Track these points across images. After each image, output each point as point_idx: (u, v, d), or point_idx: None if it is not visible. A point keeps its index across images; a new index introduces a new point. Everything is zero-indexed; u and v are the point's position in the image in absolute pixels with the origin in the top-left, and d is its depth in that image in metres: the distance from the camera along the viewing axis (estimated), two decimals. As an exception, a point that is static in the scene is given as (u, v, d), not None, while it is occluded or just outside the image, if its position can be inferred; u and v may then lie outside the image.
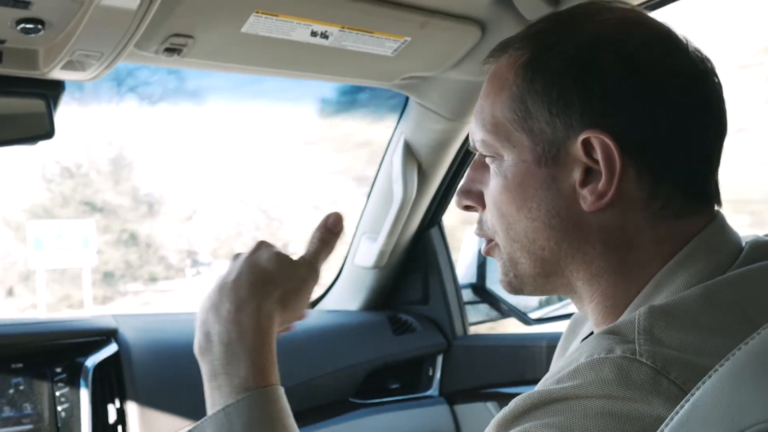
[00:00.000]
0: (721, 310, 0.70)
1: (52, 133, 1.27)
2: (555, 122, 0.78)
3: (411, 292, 2.21)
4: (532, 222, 0.81)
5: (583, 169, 0.78)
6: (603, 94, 0.76)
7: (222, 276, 0.92)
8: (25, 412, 1.51)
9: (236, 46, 1.33)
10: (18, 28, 1.06)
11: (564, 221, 0.80)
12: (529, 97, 0.79)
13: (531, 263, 0.83)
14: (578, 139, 0.77)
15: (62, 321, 1.64)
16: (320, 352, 1.91)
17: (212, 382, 0.87)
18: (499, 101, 0.82)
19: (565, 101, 0.77)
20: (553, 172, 0.79)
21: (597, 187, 0.77)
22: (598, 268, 0.80)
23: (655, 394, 0.63)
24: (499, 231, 0.85)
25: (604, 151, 0.76)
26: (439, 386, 2.10)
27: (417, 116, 1.88)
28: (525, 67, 0.80)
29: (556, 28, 0.82)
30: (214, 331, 0.88)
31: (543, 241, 0.81)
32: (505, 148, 0.82)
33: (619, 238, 0.79)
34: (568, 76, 0.77)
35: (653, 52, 0.78)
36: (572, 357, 0.73)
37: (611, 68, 0.77)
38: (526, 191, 0.81)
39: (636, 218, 0.78)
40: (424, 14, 1.39)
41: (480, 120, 0.85)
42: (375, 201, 2.07)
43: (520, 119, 0.80)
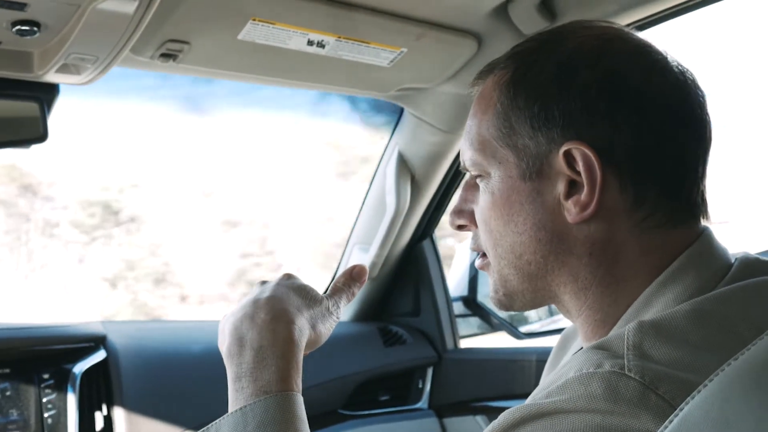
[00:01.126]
0: (711, 326, 0.70)
1: (45, 137, 1.27)
2: (537, 136, 0.79)
3: (402, 304, 2.21)
4: (518, 236, 0.82)
5: (567, 181, 0.79)
6: (582, 106, 0.77)
7: (254, 294, 0.95)
8: (12, 418, 1.49)
9: (232, 54, 1.33)
10: (13, 30, 1.06)
11: (550, 234, 0.81)
12: (513, 114, 0.81)
13: (519, 279, 0.84)
14: (560, 152, 0.78)
15: (50, 327, 1.64)
16: (310, 363, 1.89)
17: (236, 383, 0.88)
18: (485, 120, 0.84)
19: (546, 115, 0.79)
20: (537, 185, 0.81)
21: (580, 199, 0.78)
22: (585, 280, 0.81)
23: (643, 409, 0.63)
24: (489, 248, 0.86)
25: (585, 162, 0.77)
26: (429, 399, 2.10)
27: (412, 128, 1.88)
28: (508, 85, 0.82)
29: (537, 47, 0.83)
30: (248, 337, 0.90)
31: (529, 255, 0.82)
32: (492, 165, 0.83)
33: (604, 249, 0.79)
34: (548, 90, 0.79)
35: (632, 64, 0.79)
36: (562, 371, 0.73)
37: (590, 81, 0.78)
38: (512, 206, 0.82)
39: (620, 229, 0.79)
40: (420, 26, 1.39)
41: (468, 139, 0.86)
42: (368, 212, 2.06)
43: (504, 136, 0.82)
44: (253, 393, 0.87)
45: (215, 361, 1.01)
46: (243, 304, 0.94)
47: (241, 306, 0.94)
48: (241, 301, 0.96)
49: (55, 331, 1.62)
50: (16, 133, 1.27)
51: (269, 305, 0.92)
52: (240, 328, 0.91)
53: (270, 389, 0.86)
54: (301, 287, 0.96)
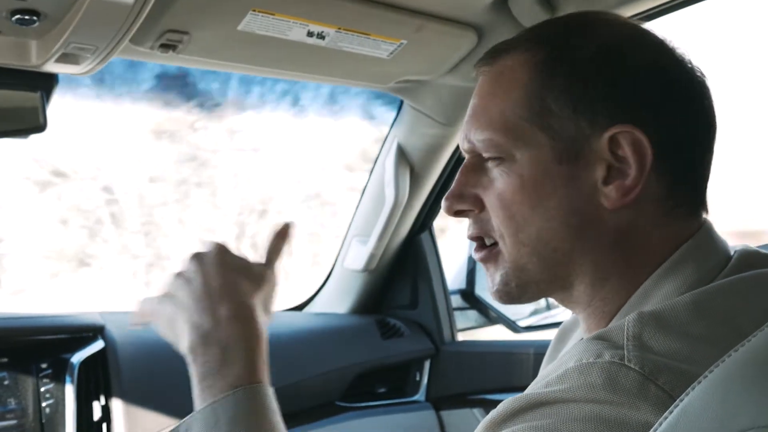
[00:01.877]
0: (711, 318, 0.70)
1: (44, 127, 1.26)
2: (578, 119, 0.77)
3: (400, 296, 2.21)
4: (547, 222, 0.79)
5: (606, 166, 0.77)
6: (631, 90, 0.77)
7: (198, 279, 0.92)
8: (10, 407, 1.49)
9: (232, 44, 1.33)
10: (13, 19, 1.05)
11: (581, 220, 0.79)
12: (549, 94, 0.78)
13: (539, 267, 0.81)
14: (605, 135, 0.76)
15: (49, 316, 1.63)
16: (308, 355, 1.91)
17: (203, 381, 0.88)
18: (509, 100, 0.81)
19: (590, 97, 0.77)
20: (573, 169, 0.78)
21: (624, 183, 0.77)
22: (605, 270, 0.80)
23: (642, 400, 0.64)
24: (507, 235, 0.82)
25: (635, 146, 0.76)
26: (426, 391, 2.10)
27: (411, 120, 1.88)
28: (542, 65, 0.80)
29: (567, 30, 0.82)
30: (213, 335, 0.89)
31: (557, 242, 0.80)
32: (518, 147, 0.80)
33: (629, 238, 0.79)
34: (593, 72, 0.77)
35: (666, 56, 0.80)
36: (561, 361, 0.73)
37: (637, 66, 0.78)
38: (544, 190, 0.79)
39: (648, 218, 0.79)
40: (420, 17, 1.39)
41: (484, 120, 0.83)
42: (366, 204, 2.06)
43: (536, 116, 0.79)
44: (221, 389, 0.86)
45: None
46: (193, 294, 0.91)
47: (192, 296, 0.91)
48: (178, 284, 0.93)
49: (53, 321, 1.62)
50: (15, 122, 1.27)
51: (227, 297, 0.90)
52: (201, 325, 0.89)
53: (239, 383, 0.86)
54: (243, 266, 0.95)
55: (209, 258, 0.95)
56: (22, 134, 1.30)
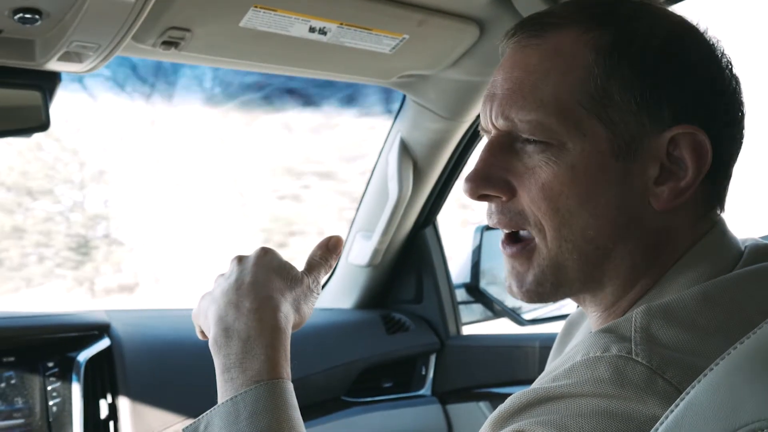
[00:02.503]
0: (719, 310, 0.70)
1: (47, 125, 1.27)
2: (641, 114, 0.74)
3: (405, 291, 2.21)
4: (595, 219, 0.76)
5: (659, 165, 0.75)
6: (695, 90, 0.75)
7: (233, 276, 0.93)
8: (17, 406, 1.50)
9: (234, 41, 1.33)
10: (15, 17, 1.05)
11: (630, 219, 0.76)
12: (614, 83, 0.74)
13: (578, 266, 0.78)
14: (666, 134, 0.74)
15: (55, 315, 1.64)
16: (313, 350, 1.91)
17: (225, 374, 0.87)
18: (566, 81, 0.76)
19: (657, 93, 0.74)
20: (628, 166, 0.75)
21: (678, 185, 0.75)
22: (639, 271, 0.78)
23: (650, 394, 0.63)
24: (548, 229, 0.77)
25: (696, 148, 0.74)
26: (432, 385, 2.10)
27: (414, 115, 1.87)
28: (609, 50, 0.75)
29: (633, 16, 0.77)
30: (235, 327, 0.88)
31: (601, 240, 0.76)
32: (573, 135, 0.75)
33: (666, 240, 0.77)
34: (660, 66, 0.74)
35: (717, 56, 0.78)
36: (569, 355, 0.73)
37: (699, 65, 0.76)
38: (597, 185, 0.75)
39: (686, 220, 0.77)
40: (422, 12, 1.38)
41: (533, 99, 0.76)
42: (370, 199, 2.06)
43: (597, 105, 0.75)
44: (243, 383, 0.86)
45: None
46: (224, 289, 0.91)
47: (222, 291, 0.91)
48: (218, 282, 0.94)
49: (60, 320, 1.62)
50: (18, 121, 1.27)
51: (253, 292, 0.90)
52: (225, 317, 0.89)
53: (260, 378, 0.86)
54: (281, 266, 0.94)
55: (250, 258, 0.95)
56: (26, 133, 1.30)
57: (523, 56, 0.79)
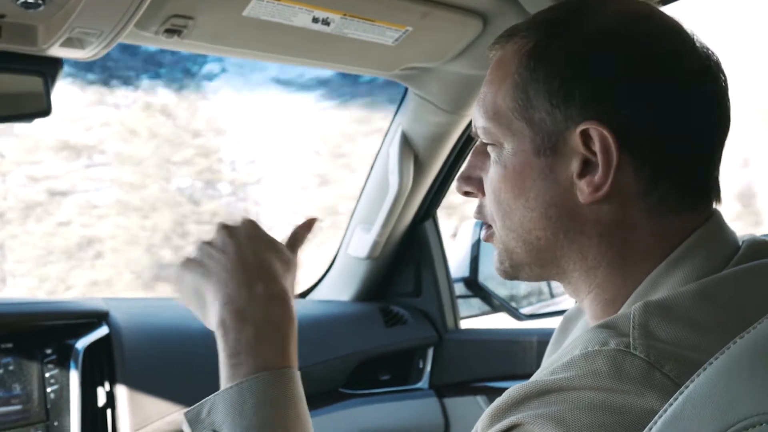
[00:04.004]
0: (717, 306, 0.70)
1: (49, 111, 1.26)
2: (555, 113, 0.78)
3: (403, 284, 2.21)
4: (529, 212, 0.81)
5: (581, 160, 0.77)
6: (605, 86, 0.76)
7: (229, 251, 0.92)
8: (15, 393, 1.50)
9: (237, 30, 1.32)
10: (18, 2, 1.05)
11: (560, 212, 0.80)
12: (531, 87, 0.79)
13: (526, 252, 0.84)
14: (577, 130, 0.76)
15: (53, 302, 1.64)
16: (311, 342, 1.91)
17: (233, 359, 0.87)
18: (502, 89, 0.82)
19: (566, 92, 0.77)
20: (551, 162, 0.79)
21: (594, 179, 0.77)
22: (594, 260, 0.80)
23: (648, 387, 0.64)
24: (497, 219, 0.85)
25: (602, 143, 0.75)
26: (429, 379, 2.10)
27: (415, 108, 1.87)
28: (528, 56, 0.80)
29: (562, 18, 0.81)
30: (249, 311, 0.89)
31: (539, 231, 0.81)
32: (506, 136, 0.82)
33: (614, 231, 0.78)
34: (571, 67, 0.77)
35: (660, 47, 0.78)
36: (567, 349, 0.73)
37: (615, 62, 0.76)
38: (525, 181, 0.81)
39: (632, 212, 0.78)
40: (426, 4, 1.38)
41: (482, 107, 0.84)
42: (370, 191, 2.06)
43: (521, 108, 0.80)
44: (251, 369, 0.86)
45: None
46: (225, 266, 0.91)
47: (224, 267, 0.91)
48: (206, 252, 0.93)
49: (58, 307, 1.62)
50: (19, 107, 1.27)
51: (264, 276, 0.91)
52: (236, 300, 0.89)
53: (270, 366, 0.86)
54: (274, 244, 0.96)
55: (241, 231, 0.95)
56: (27, 118, 1.30)
57: (489, 70, 0.86)
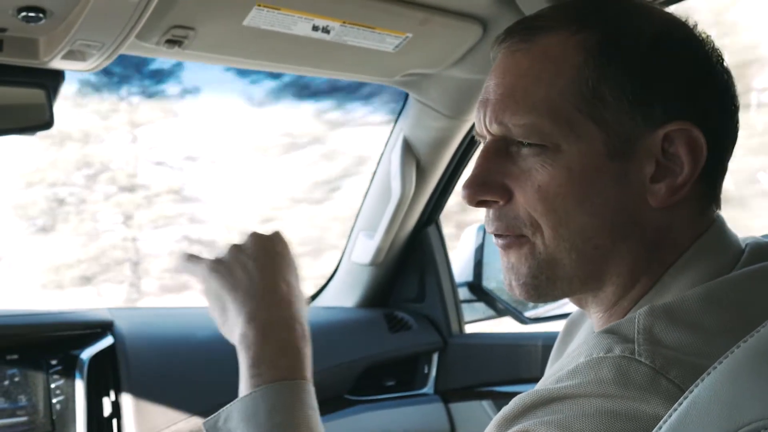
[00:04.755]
0: (723, 310, 0.70)
1: (51, 123, 1.27)
2: (634, 113, 0.74)
3: (407, 289, 2.21)
4: (591, 218, 0.76)
5: (654, 163, 0.75)
6: (687, 86, 0.75)
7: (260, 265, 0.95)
8: (20, 404, 1.50)
9: (237, 39, 1.33)
10: (19, 16, 1.05)
11: (627, 218, 0.76)
12: (605, 84, 0.74)
13: (576, 264, 0.77)
14: (660, 132, 0.74)
15: (58, 313, 1.64)
16: (316, 349, 1.89)
17: (254, 368, 0.90)
18: (558, 84, 0.76)
19: (648, 91, 0.74)
20: (624, 165, 0.75)
21: (675, 182, 0.74)
22: (640, 270, 0.77)
23: (654, 394, 0.63)
24: (546, 227, 0.77)
25: (691, 144, 0.74)
26: (435, 384, 2.10)
27: (416, 113, 1.87)
28: (598, 50, 0.75)
29: (619, 15, 0.78)
30: (272, 331, 0.92)
31: (599, 239, 0.76)
32: (567, 137, 0.75)
33: (666, 237, 0.77)
34: (650, 63, 0.74)
35: (706, 50, 0.78)
36: (572, 356, 0.73)
37: (689, 60, 0.76)
38: (593, 185, 0.75)
39: (684, 217, 0.77)
40: (425, 11, 1.38)
41: (525, 103, 0.76)
42: (373, 198, 2.06)
43: (589, 106, 0.75)
44: (269, 379, 0.89)
45: (222, 346, 1.01)
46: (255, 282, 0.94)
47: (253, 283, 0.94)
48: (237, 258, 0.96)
49: (63, 317, 1.62)
50: (21, 120, 1.28)
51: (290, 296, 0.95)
52: (260, 317, 0.93)
53: (286, 377, 0.89)
54: (294, 263, 0.99)
55: (270, 245, 0.97)
56: (29, 131, 1.30)
57: (514, 61, 0.79)
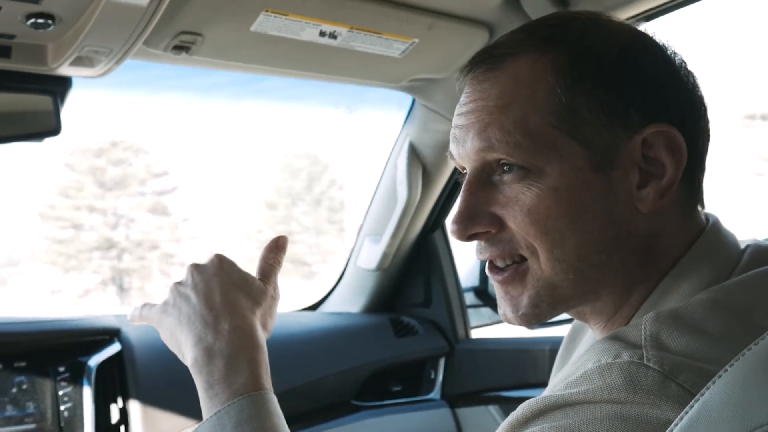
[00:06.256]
0: (728, 316, 0.70)
1: (58, 130, 1.27)
2: (613, 124, 0.74)
3: (413, 294, 2.21)
4: (585, 235, 0.75)
5: (638, 169, 0.75)
6: (658, 91, 0.76)
7: (197, 292, 0.95)
8: (28, 411, 1.50)
9: (245, 45, 1.33)
10: (28, 23, 1.06)
11: (620, 229, 0.76)
12: (579, 101, 0.75)
13: (575, 284, 0.77)
14: (638, 137, 0.74)
15: (65, 320, 1.64)
16: (322, 354, 1.91)
17: (209, 391, 0.90)
18: (533, 106, 0.75)
19: (622, 100, 0.75)
20: (609, 177, 0.75)
21: (661, 183, 0.75)
22: (635, 278, 0.77)
23: (663, 398, 0.63)
24: (541, 251, 0.76)
25: (670, 144, 0.75)
26: (441, 389, 2.10)
27: (423, 118, 1.88)
28: (568, 68, 0.76)
29: (584, 32, 0.78)
30: (216, 347, 0.91)
31: (594, 256, 0.76)
32: (549, 157, 0.75)
33: (656, 243, 0.77)
34: (620, 75, 0.75)
35: (673, 58, 0.80)
36: (579, 362, 0.73)
37: (655, 66, 0.77)
38: (582, 201, 0.75)
39: (674, 221, 0.78)
40: (432, 16, 1.39)
41: (502, 130, 0.76)
42: (379, 203, 2.06)
43: (567, 124, 0.75)
44: (227, 398, 0.88)
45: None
46: (194, 308, 0.94)
47: (193, 310, 0.94)
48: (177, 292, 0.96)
49: (70, 325, 1.62)
50: (29, 126, 1.28)
51: (228, 313, 0.93)
52: (205, 338, 0.92)
53: (244, 391, 0.88)
54: (242, 279, 0.97)
55: (209, 270, 0.97)
56: (37, 138, 1.31)
57: (483, 90, 0.78)
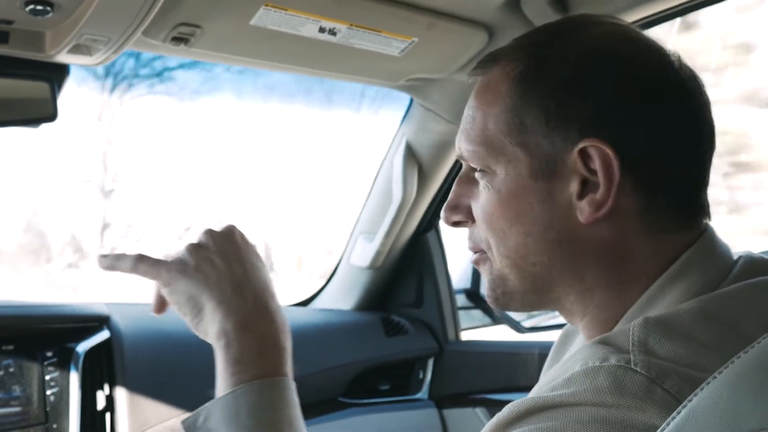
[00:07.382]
0: (717, 324, 0.70)
1: (55, 116, 1.27)
2: (552, 135, 0.77)
3: (405, 294, 2.21)
4: (525, 237, 0.79)
5: (580, 180, 0.77)
6: (599, 105, 0.76)
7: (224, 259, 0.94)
8: (14, 394, 1.50)
9: (243, 39, 1.33)
10: (27, 9, 1.05)
11: (559, 234, 0.78)
12: (524, 110, 0.78)
13: (520, 280, 0.82)
14: (575, 149, 0.76)
15: (55, 306, 1.64)
16: (311, 350, 1.91)
17: (234, 367, 0.89)
18: (491, 114, 0.81)
19: (562, 113, 0.76)
20: (549, 185, 0.78)
21: (595, 197, 0.76)
22: (591, 281, 0.79)
23: (649, 403, 0.64)
24: (492, 246, 0.83)
25: (603, 160, 0.75)
26: (429, 390, 2.10)
27: (420, 118, 1.88)
28: (519, 80, 0.79)
29: (548, 40, 0.81)
30: (255, 322, 0.91)
31: (535, 257, 0.80)
32: (498, 162, 0.80)
33: (613, 251, 0.78)
34: (563, 88, 0.77)
35: (645, 65, 0.78)
36: (567, 365, 0.73)
37: (606, 80, 0.77)
38: (521, 205, 0.79)
39: (630, 231, 0.78)
40: (432, 16, 1.39)
41: (469, 132, 0.83)
42: (373, 201, 2.07)
43: (514, 132, 0.79)
44: (249, 377, 0.88)
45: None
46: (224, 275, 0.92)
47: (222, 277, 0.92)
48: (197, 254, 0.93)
49: (59, 310, 1.62)
50: (26, 112, 1.28)
51: (267, 288, 0.94)
52: (241, 311, 0.91)
53: (267, 374, 0.88)
54: (259, 257, 0.98)
55: (234, 239, 0.96)
56: (33, 123, 1.30)
57: (472, 92, 0.85)
